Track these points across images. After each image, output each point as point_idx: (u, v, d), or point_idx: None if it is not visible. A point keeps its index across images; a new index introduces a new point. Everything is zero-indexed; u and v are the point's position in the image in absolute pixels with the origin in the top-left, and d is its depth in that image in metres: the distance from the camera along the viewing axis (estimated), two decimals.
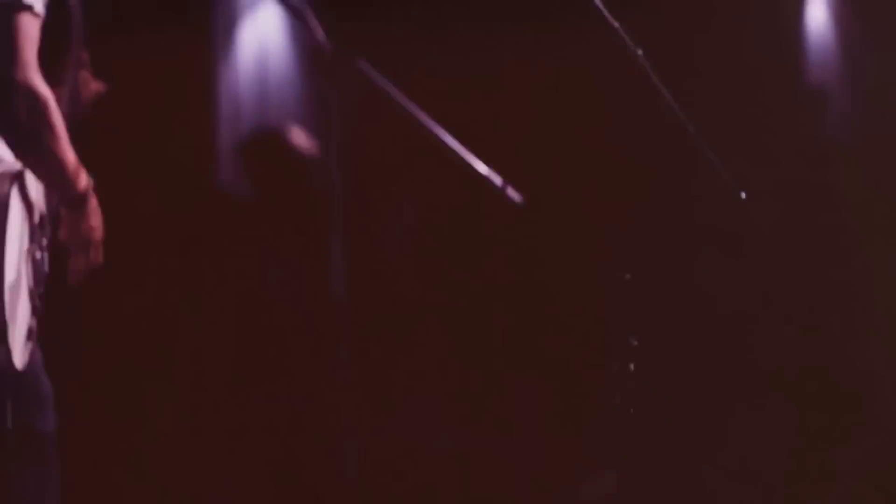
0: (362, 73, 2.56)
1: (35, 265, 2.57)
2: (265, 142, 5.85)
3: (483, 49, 5.12)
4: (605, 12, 2.86)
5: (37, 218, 2.60)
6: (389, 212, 5.23)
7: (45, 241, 2.65)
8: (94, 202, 2.59)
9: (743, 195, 3.46)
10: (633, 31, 3.02)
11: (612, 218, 5.06)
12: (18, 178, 2.45)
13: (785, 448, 4.69)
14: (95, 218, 2.60)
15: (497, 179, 2.73)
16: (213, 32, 6.25)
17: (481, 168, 2.71)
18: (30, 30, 2.33)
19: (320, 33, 2.52)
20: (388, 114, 2.66)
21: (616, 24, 2.91)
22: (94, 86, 2.93)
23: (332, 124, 2.54)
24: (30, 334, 2.55)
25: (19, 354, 2.46)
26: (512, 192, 2.75)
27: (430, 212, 5.20)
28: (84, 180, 2.52)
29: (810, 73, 5.29)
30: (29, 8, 2.33)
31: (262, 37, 6.17)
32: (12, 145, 2.43)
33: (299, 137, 5.64)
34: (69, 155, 2.44)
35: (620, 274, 4.27)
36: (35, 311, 2.58)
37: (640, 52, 2.99)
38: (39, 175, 2.51)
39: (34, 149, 2.41)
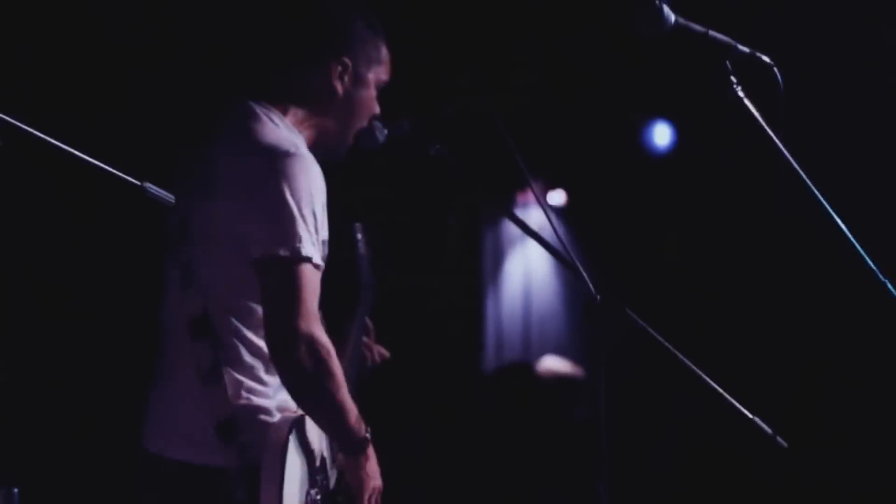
0: (629, 321, 2.62)
1: None
2: (519, 373, 5.94)
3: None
4: None
5: (318, 462, 2.63)
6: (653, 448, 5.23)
7: (326, 487, 2.68)
8: (370, 452, 2.61)
9: None
10: None
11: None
12: (298, 424, 2.52)
13: None
14: (371, 467, 2.63)
15: (765, 426, 2.69)
16: (482, 264, 6.51)
17: (747, 413, 2.69)
18: (310, 281, 2.44)
19: (589, 283, 2.57)
20: (654, 359, 2.71)
21: None
22: (377, 351, 2.98)
23: (600, 369, 2.59)
24: None
25: None
26: (780, 440, 2.70)
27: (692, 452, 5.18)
28: (362, 430, 2.56)
29: None
30: (308, 259, 2.43)
31: (528, 270, 6.37)
32: (294, 391, 2.50)
33: (558, 364, 5.71)
34: (348, 403, 2.51)
35: None
36: None
37: None
38: (318, 421, 2.57)
39: (315, 395, 2.49)
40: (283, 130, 2.59)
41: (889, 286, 2.71)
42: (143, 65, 4.89)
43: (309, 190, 2.47)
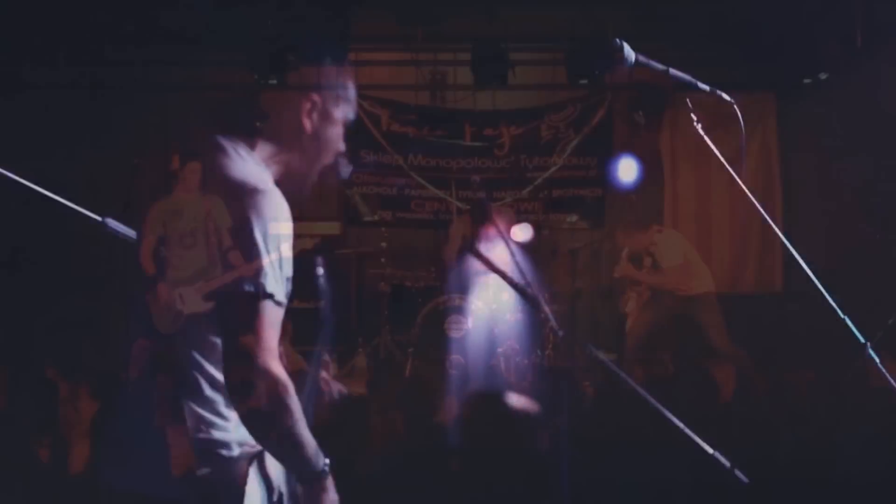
0: (591, 358, 2.66)
1: None
2: (485, 404, 5.97)
3: None
4: None
5: (276, 497, 2.62)
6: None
7: None
8: (328, 484, 2.59)
9: None
10: None
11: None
12: (257, 458, 2.52)
13: None
14: (330, 497, 2.60)
15: (724, 460, 2.73)
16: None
17: (708, 448, 2.72)
18: (271, 317, 2.44)
19: (551, 317, 2.59)
20: (619, 393, 2.75)
21: None
22: (334, 387, 2.98)
23: (562, 401, 2.62)
24: None
25: None
26: (739, 474, 2.73)
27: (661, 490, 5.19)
28: (320, 463, 2.55)
29: None
30: (270, 296, 2.44)
31: (492, 306, 6.40)
32: (251, 428, 2.50)
33: (518, 401, 5.74)
34: (306, 437, 2.51)
35: None
36: None
37: None
38: (276, 455, 2.57)
39: (272, 430, 2.48)
40: (251, 165, 2.59)
41: (848, 322, 2.76)
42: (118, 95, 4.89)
43: (274, 227, 2.47)
